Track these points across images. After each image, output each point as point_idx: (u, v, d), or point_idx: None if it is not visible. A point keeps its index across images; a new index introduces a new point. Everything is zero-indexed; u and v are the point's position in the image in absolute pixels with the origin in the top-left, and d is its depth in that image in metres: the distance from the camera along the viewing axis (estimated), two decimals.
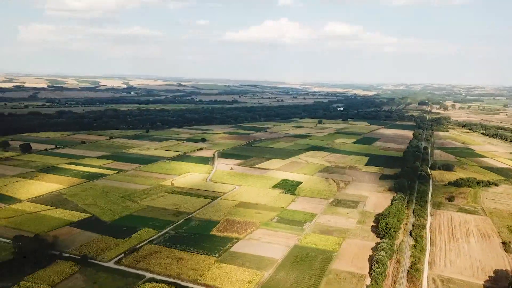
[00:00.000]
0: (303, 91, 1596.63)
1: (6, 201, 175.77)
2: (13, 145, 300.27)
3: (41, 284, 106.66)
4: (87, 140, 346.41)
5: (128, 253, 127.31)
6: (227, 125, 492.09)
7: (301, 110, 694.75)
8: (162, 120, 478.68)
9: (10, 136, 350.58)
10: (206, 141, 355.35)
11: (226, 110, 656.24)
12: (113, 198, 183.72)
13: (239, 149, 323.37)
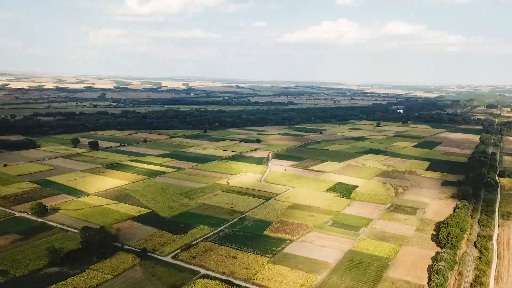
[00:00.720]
0: (360, 92, 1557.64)
1: (75, 194, 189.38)
2: (82, 142, 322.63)
3: (105, 273, 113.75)
4: (149, 138, 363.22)
5: (184, 249, 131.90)
6: (282, 126, 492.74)
7: (358, 112, 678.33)
8: (220, 121, 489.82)
9: (80, 133, 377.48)
10: (261, 142, 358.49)
11: (281, 111, 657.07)
12: (171, 195, 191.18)
13: (293, 151, 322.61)
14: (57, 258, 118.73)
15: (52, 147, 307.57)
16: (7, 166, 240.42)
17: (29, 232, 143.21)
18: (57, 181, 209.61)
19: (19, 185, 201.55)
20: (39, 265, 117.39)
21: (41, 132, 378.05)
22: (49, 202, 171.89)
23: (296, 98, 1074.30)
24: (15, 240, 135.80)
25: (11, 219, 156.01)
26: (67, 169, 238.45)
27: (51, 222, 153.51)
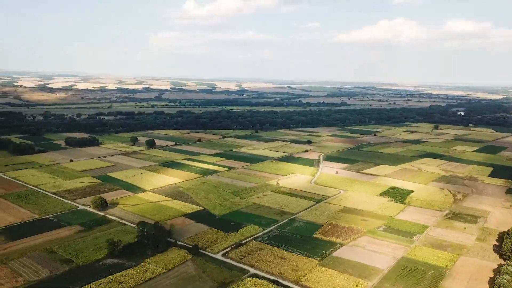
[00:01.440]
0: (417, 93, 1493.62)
1: (133, 190, 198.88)
2: (140, 140, 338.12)
3: (159, 267, 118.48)
4: (202, 138, 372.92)
5: (234, 247, 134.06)
6: (334, 128, 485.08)
7: (415, 114, 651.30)
8: (271, 122, 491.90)
9: (138, 132, 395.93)
10: (312, 143, 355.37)
11: (334, 112, 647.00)
12: (223, 194, 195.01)
13: (345, 153, 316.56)
14: (116, 250, 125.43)
15: (113, 145, 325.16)
16: (73, 162, 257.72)
17: (91, 224, 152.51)
18: (116, 177, 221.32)
19: (82, 179, 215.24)
20: (99, 256, 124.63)
21: (103, 130, 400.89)
22: (109, 196, 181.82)
23: (349, 99, 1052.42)
24: (78, 231, 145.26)
25: (75, 212, 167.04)
26: (126, 166, 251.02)
27: (110, 215, 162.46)
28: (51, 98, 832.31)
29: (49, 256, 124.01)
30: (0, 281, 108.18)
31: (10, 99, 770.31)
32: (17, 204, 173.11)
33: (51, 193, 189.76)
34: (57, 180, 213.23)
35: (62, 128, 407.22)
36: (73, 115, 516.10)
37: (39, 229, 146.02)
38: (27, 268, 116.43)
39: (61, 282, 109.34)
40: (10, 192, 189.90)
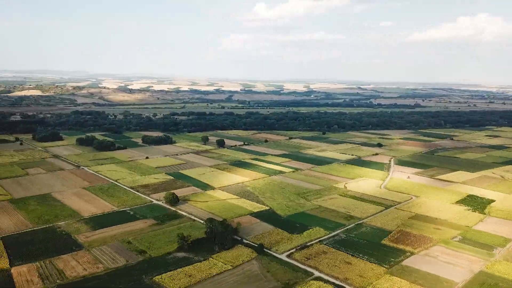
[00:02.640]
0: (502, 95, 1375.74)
1: (203, 187, 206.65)
2: (211, 140, 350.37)
3: (225, 263, 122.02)
4: (269, 139, 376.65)
5: (299, 249, 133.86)
6: (407, 131, 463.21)
7: (498, 117, 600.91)
8: (339, 123, 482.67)
9: (209, 132, 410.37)
10: (382, 146, 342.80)
11: (407, 114, 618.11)
12: (288, 195, 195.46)
13: (418, 157, 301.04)
14: (185, 244, 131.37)
15: (185, 143, 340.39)
16: (148, 159, 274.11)
17: (163, 218, 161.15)
18: (188, 175, 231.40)
19: (157, 176, 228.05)
20: (170, 249, 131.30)
21: (176, 130, 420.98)
22: (180, 193, 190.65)
23: (424, 101, 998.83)
24: (152, 225, 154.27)
25: (149, 206, 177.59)
26: (197, 164, 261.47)
27: (181, 211, 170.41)
28: (131, 98, 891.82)
29: (126, 246, 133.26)
30: (84, 266, 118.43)
31: (96, 99, 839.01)
32: (99, 196, 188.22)
33: (128, 188, 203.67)
34: (134, 175, 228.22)
35: (139, 126, 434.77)
36: (149, 114, 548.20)
37: (117, 221, 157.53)
38: (106, 256, 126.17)
39: (135, 271, 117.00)
40: (93, 185, 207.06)
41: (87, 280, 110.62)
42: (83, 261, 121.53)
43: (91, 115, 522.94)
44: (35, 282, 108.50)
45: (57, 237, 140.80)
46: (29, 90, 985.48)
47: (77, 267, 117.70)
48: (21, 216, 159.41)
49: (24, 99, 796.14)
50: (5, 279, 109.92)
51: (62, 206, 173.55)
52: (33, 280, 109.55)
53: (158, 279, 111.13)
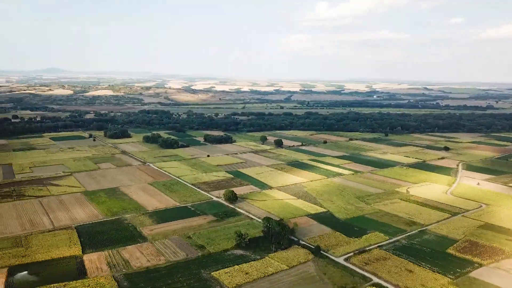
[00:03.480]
0: None
1: (261, 186, 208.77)
2: (269, 140, 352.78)
3: (281, 263, 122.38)
4: (328, 140, 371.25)
5: (357, 253, 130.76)
6: (477, 134, 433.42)
7: None
8: (403, 125, 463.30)
9: (267, 132, 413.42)
10: (449, 150, 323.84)
11: (477, 116, 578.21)
12: (347, 197, 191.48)
13: (490, 163, 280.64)
14: (242, 242, 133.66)
15: (244, 143, 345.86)
16: (209, 157, 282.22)
17: (222, 215, 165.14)
18: (246, 173, 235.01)
19: (217, 173, 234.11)
20: (228, 246, 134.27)
21: (236, 129, 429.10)
22: (239, 191, 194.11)
23: (497, 102, 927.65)
24: (211, 221, 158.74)
25: (209, 202, 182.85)
26: (255, 163, 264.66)
27: (239, 209, 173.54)
28: (194, 98, 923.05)
29: (186, 241, 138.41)
30: (147, 258, 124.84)
31: (161, 99, 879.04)
32: (163, 192, 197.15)
33: (190, 184, 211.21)
34: (196, 172, 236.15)
35: (202, 125, 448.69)
36: (211, 114, 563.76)
37: (179, 216, 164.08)
38: (168, 249, 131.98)
39: (194, 265, 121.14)
40: (157, 181, 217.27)
41: (150, 271, 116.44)
42: (146, 253, 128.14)
43: (156, 114, 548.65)
44: (104, 270, 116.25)
45: (124, 228, 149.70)
46: (102, 90, 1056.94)
47: (141, 258, 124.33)
48: (93, 208, 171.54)
49: (97, 98, 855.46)
50: (78, 265, 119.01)
51: (129, 199, 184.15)
52: (102, 268, 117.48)
53: (216, 274, 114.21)
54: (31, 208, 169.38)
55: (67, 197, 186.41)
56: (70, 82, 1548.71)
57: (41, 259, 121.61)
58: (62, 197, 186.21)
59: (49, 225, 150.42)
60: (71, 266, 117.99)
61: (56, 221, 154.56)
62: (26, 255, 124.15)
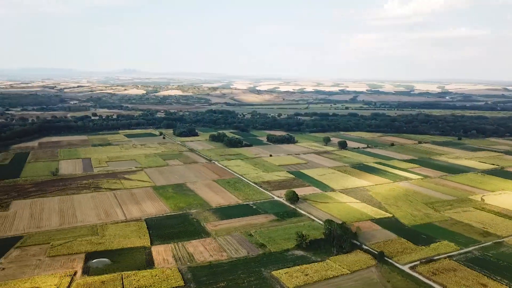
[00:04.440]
0: None
1: (323, 188, 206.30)
2: (333, 141, 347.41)
3: (342, 267, 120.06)
4: (396, 142, 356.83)
5: (424, 262, 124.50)
6: None
7: None
8: (478, 128, 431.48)
9: (331, 133, 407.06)
10: None
11: None
12: (414, 203, 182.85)
13: None
14: (303, 243, 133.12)
15: (307, 143, 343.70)
16: (272, 157, 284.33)
17: (283, 215, 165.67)
18: (308, 174, 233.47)
19: (278, 173, 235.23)
20: (288, 246, 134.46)
21: (299, 130, 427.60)
22: (300, 191, 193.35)
23: None
24: (272, 220, 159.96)
25: (270, 202, 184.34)
26: (317, 164, 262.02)
27: (300, 209, 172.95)
28: (258, 99, 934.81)
29: (248, 239, 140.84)
30: (210, 253, 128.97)
31: (227, 99, 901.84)
32: (226, 189, 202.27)
33: (252, 183, 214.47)
34: (258, 171, 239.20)
35: (265, 126, 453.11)
36: (274, 114, 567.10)
37: (241, 213, 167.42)
38: (230, 245, 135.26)
39: (255, 263, 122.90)
40: (221, 178, 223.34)
41: (212, 266, 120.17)
42: (210, 248, 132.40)
43: (222, 114, 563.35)
44: (170, 262, 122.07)
45: (189, 223, 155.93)
46: (172, 90, 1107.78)
47: (205, 253, 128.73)
48: (161, 202, 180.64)
49: (167, 98, 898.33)
50: (147, 255, 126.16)
51: (194, 195, 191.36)
52: (168, 260, 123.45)
53: (276, 273, 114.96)
54: (106, 200, 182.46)
55: (138, 190, 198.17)
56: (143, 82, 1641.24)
57: (114, 247, 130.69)
58: (134, 190, 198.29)
59: (121, 216, 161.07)
60: (140, 256, 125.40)
61: (128, 213, 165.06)
62: (101, 243, 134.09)
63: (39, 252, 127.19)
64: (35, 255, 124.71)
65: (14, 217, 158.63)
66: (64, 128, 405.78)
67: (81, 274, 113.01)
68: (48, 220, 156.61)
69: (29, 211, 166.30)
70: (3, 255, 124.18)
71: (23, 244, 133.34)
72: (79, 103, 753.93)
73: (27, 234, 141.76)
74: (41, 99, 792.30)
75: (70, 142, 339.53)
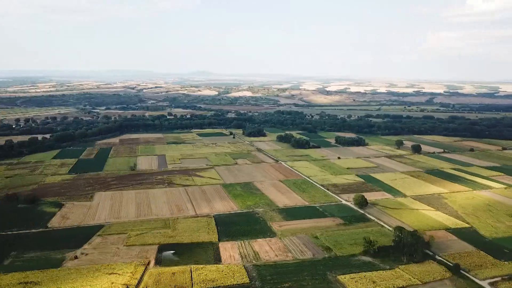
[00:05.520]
0: None
1: (393, 193, 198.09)
2: (405, 144, 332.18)
3: (413, 277, 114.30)
4: (476, 148, 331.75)
5: (506, 279, 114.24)
6: None
7: None
8: None
9: (404, 136, 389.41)
10: None
11: None
12: (496, 214, 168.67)
13: None
14: (371, 249, 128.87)
15: (378, 147, 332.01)
16: (340, 159, 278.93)
17: (350, 219, 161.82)
18: (378, 179, 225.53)
19: (347, 176, 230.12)
20: (355, 251, 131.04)
21: (369, 132, 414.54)
22: (369, 196, 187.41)
23: None
24: (339, 224, 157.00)
25: (337, 205, 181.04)
26: (388, 168, 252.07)
27: (369, 214, 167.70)
28: (327, 100, 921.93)
29: (313, 241, 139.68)
30: (275, 253, 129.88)
31: (296, 100, 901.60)
32: (292, 190, 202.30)
33: (319, 185, 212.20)
34: (325, 174, 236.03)
35: (333, 127, 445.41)
36: (344, 116, 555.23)
37: (307, 215, 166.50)
38: (295, 246, 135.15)
39: (320, 266, 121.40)
40: (288, 179, 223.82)
41: (277, 266, 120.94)
42: (275, 248, 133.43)
43: (290, 115, 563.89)
44: (236, 258, 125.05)
45: (255, 221, 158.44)
46: (242, 91, 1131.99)
47: (270, 252, 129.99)
48: (230, 200, 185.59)
49: (238, 99, 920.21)
50: (215, 251, 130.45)
51: (261, 194, 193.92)
52: (234, 256, 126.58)
53: (341, 278, 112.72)
54: (178, 195, 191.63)
55: (208, 187, 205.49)
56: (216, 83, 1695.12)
57: (184, 241, 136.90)
58: (204, 187, 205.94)
59: (192, 212, 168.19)
60: (208, 251, 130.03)
61: (198, 209, 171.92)
62: (172, 236, 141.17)
63: (118, 241, 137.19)
64: (114, 244, 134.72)
65: (97, 207, 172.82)
66: (142, 126, 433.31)
67: (154, 264, 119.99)
68: (126, 211, 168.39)
69: (109, 202, 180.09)
70: (87, 241, 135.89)
71: (104, 232, 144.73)
72: (156, 103, 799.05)
73: (108, 224, 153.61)
74: (122, 99, 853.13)
75: (147, 139, 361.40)
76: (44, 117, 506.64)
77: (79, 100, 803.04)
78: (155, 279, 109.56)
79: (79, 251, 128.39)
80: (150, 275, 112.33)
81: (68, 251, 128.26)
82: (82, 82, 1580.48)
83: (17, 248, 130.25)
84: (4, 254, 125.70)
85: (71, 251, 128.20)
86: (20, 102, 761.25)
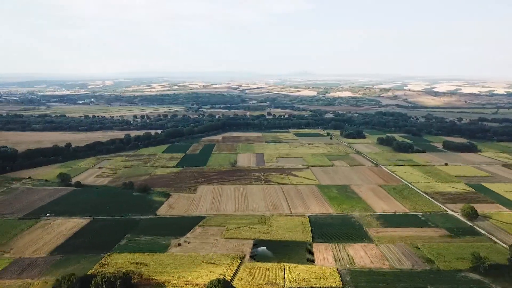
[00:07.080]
0: None
1: (509, 206, 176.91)
2: None
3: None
4: None
5: None
6: None
7: None
8: None
9: None
10: None
11: None
12: None
13: None
14: (480, 266, 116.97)
15: (493, 154, 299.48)
16: (447, 166, 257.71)
17: (457, 231, 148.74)
18: (492, 189, 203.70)
19: (454, 185, 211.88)
20: (461, 267, 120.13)
21: (483, 137, 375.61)
22: (481, 208, 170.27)
23: None
24: (443, 235, 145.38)
25: (443, 215, 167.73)
26: (505, 178, 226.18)
27: (479, 228, 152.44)
28: (435, 101, 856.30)
29: (413, 251, 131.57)
30: (371, 259, 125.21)
31: (399, 101, 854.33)
32: (392, 196, 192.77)
33: (422, 192, 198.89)
34: (430, 180, 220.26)
35: (441, 131, 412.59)
36: (454, 119, 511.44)
37: (407, 223, 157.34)
38: (392, 255, 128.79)
39: (420, 278, 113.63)
40: (388, 184, 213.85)
41: (372, 273, 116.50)
42: (371, 254, 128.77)
43: (393, 116, 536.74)
44: (329, 261, 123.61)
45: (350, 225, 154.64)
46: (342, 91, 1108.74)
47: (365, 258, 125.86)
48: (325, 201, 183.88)
49: (337, 99, 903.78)
50: (308, 251, 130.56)
51: (358, 198, 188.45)
52: (328, 258, 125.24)
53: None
54: (274, 193, 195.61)
55: (303, 187, 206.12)
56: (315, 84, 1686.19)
57: (278, 238, 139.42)
58: (299, 187, 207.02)
59: (287, 210, 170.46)
60: (301, 251, 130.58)
61: (292, 208, 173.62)
62: (267, 232, 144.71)
63: (217, 232, 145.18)
64: (213, 235, 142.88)
65: (199, 200, 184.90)
66: (243, 125, 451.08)
67: (248, 258, 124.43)
68: (225, 205, 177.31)
69: (211, 195, 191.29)
70: (189, 231, 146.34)
71: (205, 223, 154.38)
72: (257, 103, 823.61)
73: (208, 216, 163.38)
74: (226, 99, 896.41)
75: (247, 138, 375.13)
76: (156, 114, 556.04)
77: (188, 99, 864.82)
78: (249, 272, 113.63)
79: (182, 239, 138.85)
80: (245, 268, 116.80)
81: (173, 238, 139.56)
82: (191, 82, 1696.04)
83: (131, 231, 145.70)
84: (121, 235, 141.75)
85: (175, 238, 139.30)
86: (137, 100, 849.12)
